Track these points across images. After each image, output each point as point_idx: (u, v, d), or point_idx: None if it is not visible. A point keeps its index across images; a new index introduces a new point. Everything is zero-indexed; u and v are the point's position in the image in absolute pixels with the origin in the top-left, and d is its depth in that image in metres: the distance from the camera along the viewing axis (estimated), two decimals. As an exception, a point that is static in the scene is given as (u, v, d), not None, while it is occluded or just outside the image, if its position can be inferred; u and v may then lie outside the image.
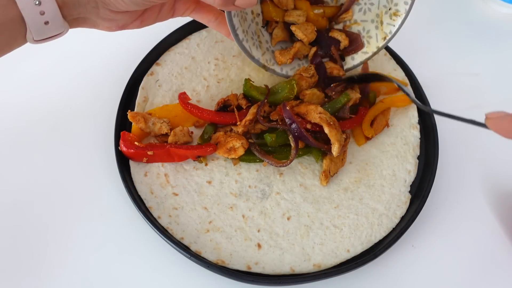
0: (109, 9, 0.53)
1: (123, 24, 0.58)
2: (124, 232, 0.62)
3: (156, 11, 0.60)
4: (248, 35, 0.64)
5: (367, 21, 0.70)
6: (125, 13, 0.56)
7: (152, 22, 0.61)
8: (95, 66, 0.77)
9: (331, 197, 0.65)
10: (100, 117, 0.71)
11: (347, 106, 0.67)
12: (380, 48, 0.68)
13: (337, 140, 0.61)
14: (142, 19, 0.59)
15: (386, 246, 0.60)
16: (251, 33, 0.66)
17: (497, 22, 0.91)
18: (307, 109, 0.64)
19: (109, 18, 0.55)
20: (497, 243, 0.65)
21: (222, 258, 0.58)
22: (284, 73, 0.70)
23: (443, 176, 0.69)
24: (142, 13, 0.58)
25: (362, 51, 0.70)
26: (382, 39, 0.68)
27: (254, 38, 0.66)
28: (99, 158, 0.68)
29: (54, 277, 0.59)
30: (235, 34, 0.60)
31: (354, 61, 0.71)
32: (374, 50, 0.69)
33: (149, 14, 0.59)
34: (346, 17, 0.71)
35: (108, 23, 0.56)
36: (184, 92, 0.69)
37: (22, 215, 0.63)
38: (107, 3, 0.52)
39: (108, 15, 0.54)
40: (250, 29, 0.66)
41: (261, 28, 0.70)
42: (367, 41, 0.70)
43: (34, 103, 0.73)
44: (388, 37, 0.67)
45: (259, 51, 0.67)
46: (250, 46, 0.64)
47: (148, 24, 0.61)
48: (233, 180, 0.65)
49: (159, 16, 0.61)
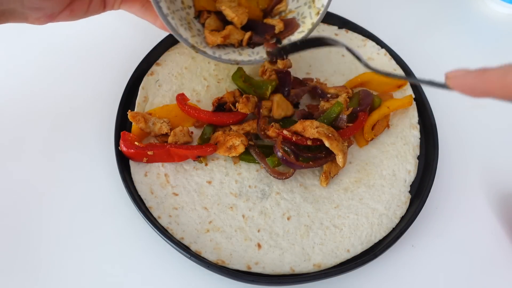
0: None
1: (51, 13, 0.57)
2: (124, 232, 0.62)
3: (86, 2, 0.59)
4: (175, 15, 0.63)
5: (300, 6, 0.69)
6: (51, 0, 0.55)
7: (82, 14, 0.60)
8: (95, 66, 0.77)
9: (331, 197, 0.65)
10: (100, 117, 0.71)
11: (343, 115, 0.66)
12: (315, 23, 0.66)
13: (340, 151, 0.61)
14: (71, 8, 0.58)
15: (386, 246, 0.60)
16: (180, 16, 0.64)
17: (497, 22, 0.91)
18: (303, 126, 0.63)
19: (35, 6, 0.54)
20: (497, 243, 0.65)
21: (222, 258, 0.58)
22: (216, 56, 0.67)
23: (443, 176, 0.69)
24: (71, 2, 0.58)
25: (298, 31, 0.68)
26: (315, 14, 0.66)
27: (182, 21, 0.65)
28: (99, 158, 0.68)
29: (54, 277, 0.59)
30: (157, 6, 0.58)
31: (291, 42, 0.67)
32: (309, 27, 0.67)
33: (79, 4, 0.59)
34: (281, 8, 0.71)
35: (36, 12, 0.55)
36: (183, 93, 0.69)
37: (22, 215, 0.63)
38: None
39: (33, 3, 0.53)
40: (179, 13, 0.65)
41: (193, 18, 0.68)
42: (302, 21, 0.68)
43: (34, 103, 0.73)
44: (322, 10, 0.65)
45: (188, 32, 0.65)
46: (177, 24, 0.62)
47: (79, 17, 0.60)
48: (233, 180, 0.65)
49: (90, 9, 0.60)
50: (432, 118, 0.71)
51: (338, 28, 0.82)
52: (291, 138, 0.62)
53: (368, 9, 0.90)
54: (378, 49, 0.80)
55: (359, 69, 0.77)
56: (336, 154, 0.62)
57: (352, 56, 0.79)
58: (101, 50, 0.80)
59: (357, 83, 0.73)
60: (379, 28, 0.81)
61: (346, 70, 0.77)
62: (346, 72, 0.77)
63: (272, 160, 0.63)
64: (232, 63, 0.67)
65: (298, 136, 0.63)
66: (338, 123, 0.66)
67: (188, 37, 0.64)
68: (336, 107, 0.65)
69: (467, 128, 0.75)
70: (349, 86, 0.72)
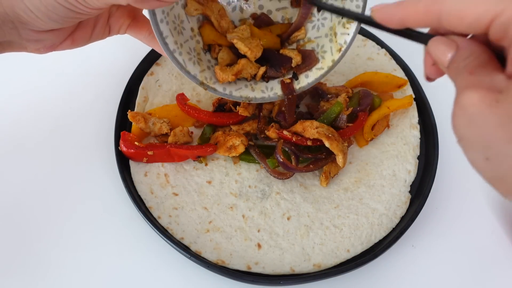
0: (31, 29, 0.49)
1: (52, 45, 0.54)
2: (124, 232, 0.62)
3: (89, 30, 0.56)
4: (183, 49, 0.57)
5: (321, 37, 0.63)
6: (50, 33, 0.51)
7: (85, 42, 0.57)
8: (95, 66, 0.77)
9: (331, 197, 0.65)
10: (100, 117, 0.71)
11: (343, 115, 0.65)
12: (336, 61, 0.60)
13: (340, 151, 0.61)
14: (73, 38, 0.55)
15: (386, 246, 0.60)
16: (188, 48, 0.59)
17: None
18: (303, 127, 0.63)
19: (33, 39, 0.51)
20: (497, 243, 0.65)
21: (222, 258, 0.58)
22: (227, 93, 0.60)
23: (443, 176, 0.69)
24: (72, 32, 0.54)
25: (316, 67, 0.62)
26: (337, 51, 0.60)
27: (191, 54, 0.59)
28: (99, 158, 0.68)
29: (54, 277, 0.59)
30: (163, 42, 0.53)
31: (308, 79, 0.62)
32: (329, 65, 0.60)
33: (81, 33, 0.55)
34: (299, 35, 0.64)
35: (35, 44, 0.52)
36: (182, 93, 0.69)
37: (22, 214, 0.63)
38: (25, 23, 0.48)
39: (31, 35, 0.50)
40: (188, 44, 0.59)
41: (202, 48, 0.62)
42: (321, 56, 0.62)
43: (35, 104, 0.73)
44: (344, 48, 0.59)
45: (197, 67, 0.59)
46: (184, 60, 0.57)
47: (82, 45, 0.57)
48: (233, 180, 0.65)
49: (94, 35, 0.57)
50: (432, 118, 0.71)
51: (338, 28, 0.82)
52: (291, 138, 0.62)
53: (368, 9, 0.89)
54: (378, 49, 0.80)
55: (359, 69, 0.77)
56: (336, 154, 0.62)
57: (351, 56, 0.79)
58: (101, 50, 0.79)
59: (357, 83, 0.73)
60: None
61: (346, 70, 0.77)
62: (346, 72, 0.77)
63: (272, 162, 0.63)
64: (243, 101, 0.61)
65: (298, 136, 0.63)
66: (338, 123, 0.66)
67: (197, 73, 0.58)
68: (336, 107, 0.65)
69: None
70: (349, 86, 0.72)
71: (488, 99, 0.30)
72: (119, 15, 0.57)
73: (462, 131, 0.32)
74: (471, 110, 0.30)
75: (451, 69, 0.35)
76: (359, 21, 0.43)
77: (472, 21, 0.31)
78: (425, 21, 0.35)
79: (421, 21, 0.35)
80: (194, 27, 0.61)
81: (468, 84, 0.32)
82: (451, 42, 0.35)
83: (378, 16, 0.38)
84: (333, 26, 0.61)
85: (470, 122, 0.31)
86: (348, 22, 0.58)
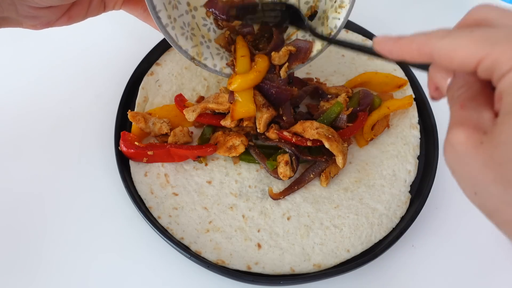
0: (28, 5, 0.50)
1: (48, 21, 0.54)
2: (124, 232, 0.62)
3: (85, 6, 0.56)
4: (176, 23, 0.58)
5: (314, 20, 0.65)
6: (47, 9, 0.52)
7: (81, 18, 0.57)
8: (95, 66, 0.77)
9: (331, 197, 0.65)
10: (100, 117, 0.71)
11: (343, 115, 0.65)
12: (326, 45, 0.62)
13: (339, 152, 0.61)
14: (70, 15, 0.55)
15: (386, 246, 0.60)
16: (182, 22, 0.60)
17: (497, 22, 0.91)
18: (303, 127, 0.63)
19: (30, 15, 0.51)
20: (497, 243, 0.65)
21: (222, 258, 0.58)
22: (218, 69, 0.62)
23: (443, 176, 0.69)
24: (69, 9, 0.55)
25: None
26: (327, 35, 0.61)
27: (185, 29, 0.60)
28: (99, 158, 0.68)
29: (54, 277, 0.59)
30: (156, 16, 0.55)
31: None
32: (319, 48, 0.62)
33: (77, 9, 0.56)
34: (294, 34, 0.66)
35: (31, 20, 0.53)
36: (181, 94, 0.69)
37: (22, 214, 0.63)
38: None
39: (28, 11, 0.51)
40: (182, 18, 0.60)
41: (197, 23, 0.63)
42: (312, 39, 0.63)
43: (34, 104, 0.73)
44: (334, 32, 0.61)
45: (189, 42, 0.60)
46: (177, 35, 0.58)
47: (78, 21, 0.57)
48: (233, 180, 0.65)
49: (89, 11, 0.57)
50: (432, 118, 0.71)
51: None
52: (291, 139, 0.62)
53: (368, 9, 0.90)
54: (378, 49, 0.79)
55: (359, 69, 0.77)
56: (336, 155, 0.62)
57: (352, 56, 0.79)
58: (101, 50, 0.80)
59: (357, 83, 0.73)
60: (379, 28, 0.81)
61: (346, 70, 0.77)
62: (346, 72, 0.77)
63: (271, 164, 0.63)
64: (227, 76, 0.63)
65: (298, 137, 0.63)
66: (338, 123, 0.66)
67: (189, 48, 0.60)
68: (336, 107, 0.65)
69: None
70: (349, 86, 0.72)
71: (473, 140, 0.31)
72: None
73: (452, 166, 0.34)
74: (458, 148, 0.32)
75: (448, 96, 0.37)
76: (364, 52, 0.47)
77: (460, 62, 0.33)
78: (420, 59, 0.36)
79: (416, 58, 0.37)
80: (191, 2, 0.62)
81: (458, 120, 0.33)
82: None
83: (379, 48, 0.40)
84: (326, 9, 0.62)
85: (458, 159, 0.33)
86: (340, 6, 0.60)
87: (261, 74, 0.62)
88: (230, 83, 0.62)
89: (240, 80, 0.61)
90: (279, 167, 0.63)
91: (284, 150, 0.64)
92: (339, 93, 0.69)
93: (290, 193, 0.64)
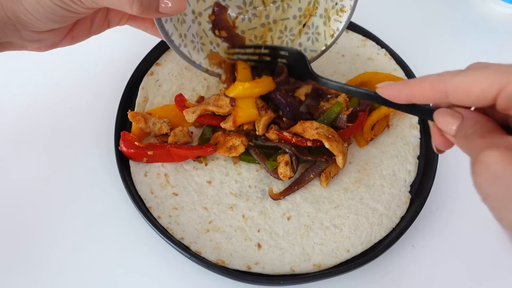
0: (31, 30, 0.50)
1: (52, 43, 0.55)
2: (124, 232, 0.62)
3: (87, 25, 0.56)
4: (187, 39, 0.59)
5: (315, 16, 0.65)
6: (50, 32, 0.52)
7: (85, 36, 0.57)
8: (95, 66, 0.77)
9: (331, 197, 0.65)
10: (100, 117, 0.71)
11: (343, 115, 0.65)
12: (328, 46, 0.65)
13: (340, 152, 0.61)
14: (73, 35, 0.55)
15: (386, 246, 0.60)
16: (191, 35, 0.61)
17: (497, 22, 0.91)
18: (303, 128, 0.63)
19: (34, 39, 0.52)
20: (497, 243, 0.65)
21: (222, 258, 0.58)
22: None
23: (443, 176, 0.69)
24: (71, 29, 0.55)
25: (310, 49, 0.66)
26: (330, 36, 0.64)
27: (195, 41, 0.61)
28: (99, 158, 0.68)
29: (54, 277, 0.59)
30: (169, 40, 0.56)
31: None
32: (322, 48, 0.65)
33: (79, 29, 0.56)
34: None
35: (36, 44, 0.53)
36: (181, 93, 0.69)
37: (21, 214, 0.63)
38: (25, 25, 0.48)
39: (32, 36, 0.51)
40: (190, 31, 0.61)
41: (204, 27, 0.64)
42: (315, 38, 0.66)
43: (34, 104, 0.73)
44: (336, 34, 0.63)
45: (201, 54, 0.62)
46: (189, 51, 0.60)
47: (82, 39, 0.57)
48: (233, 180, 0.65)
49: (92, 30, 0.57)
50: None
51: (338, 28, 0.82)
52: (291, 139, 0.62)
53: (368, 9, 0.90)
54: (378, 49, 0.80)
55: (359, 69, 0.77)
56: (336, 155, 0.62)
57: (352, 56, 0.79)
58: (101, 50, 0.79)
59: (357, 83, 0.73)
60: (379, 28, 0.81)
61: (346, 70, 0.77)
62: (346, 72, 0.77)
63: (271, 164, 0.63)
64: None
65: (298, 137, 0.63)
66: (338, 123, 0.66)
67: (202, 60, 0.62)
68: (336, 107, 0.65)
69: (467, 128, 0.75)
70: (349, 86, 0.72)
71: (509, 157, 0.31)
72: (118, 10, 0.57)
73: (487, 189, 0.33)
74: (495, 168, 0.31)
75: (458, 137, 0.37)
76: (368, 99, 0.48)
77: (478, 95, 0.34)
78: (432, 97, 0.38)
79: (428, 97, 0.38)
80: (195, 9, 0.62)
81: (485, 145, 0.33)
82: (456, 113, 0.38)
83: (385, 93, 0.42)
84: (328, 8, 0.63)
85: (495, 179, 0.32)
86: (341, 10, 0.61)
87: (262, 90, 0.62)
88: (229, 90, 0.62)
89: (240, 87, 0.61)
90: (279, 167, 0.63)
91: (284, 151, 0.64)
92: (339, 93, 0.69)
93: (290, 193, 0.64)
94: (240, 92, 0.61)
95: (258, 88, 0.62)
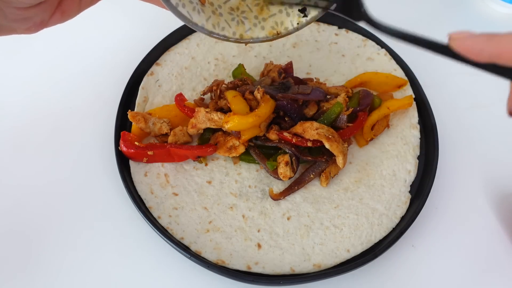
0: (16, 7, 0.46)
1: (41, 21, 0.50)
2: (124, 232, 0.62)
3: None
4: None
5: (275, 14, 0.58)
6: (36, 8, 0.47)
7: (76, 11, 0.52)
8: (95, 66, 0.77)
9: (331, 197, 0.65)
10: (100, 117, 0.71)
11: (343, 116, 0.65)
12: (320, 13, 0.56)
13: (340, 152, 0.61)
14: (62, 10, 0.50)
15: (386, 246, 0.60)
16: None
17: (497, 22, 0.91)
18: (303, 128, 0.63)
19: (20, 17, 0.47)
20: (497, 243, 0.65)
21: (222, 258, 0.58)
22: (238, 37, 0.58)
23: (443, 176, 0.69)
24: (59, 3, 0.50)
25: None
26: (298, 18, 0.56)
27: (194, 2, 0.56)
28: (99, 158, 0.68)
29: (54, 277, 0.59)
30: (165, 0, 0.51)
31: None
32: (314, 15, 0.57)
33: (68, 2, 0.51)
34: None
35: (23, 23, 0.49)
36: (181, 93, 0.69)
37: (22, 214, 0.63)
38: (8, 1, 0.45)
39: (17, 14, 0.47)
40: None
41: None
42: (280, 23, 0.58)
43: (34, 104, 0.73)
44: None
45: (202, 15, 0.55)
46: (189, 12, 0.54)
47: (72, 15, 0.52)
48: (233, 180, 0.65)
49: (83, 2, 0.52)
50: (432, 118, 0.71)
51: (338, 28, 0.82)
52: (291, 140, 0.62)
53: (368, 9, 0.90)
54: (378, 49, 0.79)
55: (359, 69, 0.77)
56: (336, 155, 0.62)
57: (352, 56, 0.78)
58: (101, 50, 0.80)
59: (357, 83, 0.73)
60: (379, 28, 0.81)
61: (346, 70, 0.77)
62: (346, 72, 0.77)
63: (272, 164, 0.63)
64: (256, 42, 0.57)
65: (298, 137, 0.63)
66: (338, 123, 0.66)
67: (204, 22, 0.56)
68: (336, 107, 0.65)
69: (467, 128, 0.74)
70: (349, 86, 0.72)
71: None
72: None
73: None
74: None
75: None
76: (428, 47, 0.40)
77: None
78: None
79: None
80: None
81: None
82: None
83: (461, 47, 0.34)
84: None
85: None
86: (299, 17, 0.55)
87: (260, 119, 0.61)
88: (226, 122, 0.61)
89: (237, 120, 0.61)
90: (279, 168, 0.63)
91: (284, 151, 0.64)
92: (339, 93, 0.69)
93: (290, 193, 0.64)
94: (238, 126, 0.61)
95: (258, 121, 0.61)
